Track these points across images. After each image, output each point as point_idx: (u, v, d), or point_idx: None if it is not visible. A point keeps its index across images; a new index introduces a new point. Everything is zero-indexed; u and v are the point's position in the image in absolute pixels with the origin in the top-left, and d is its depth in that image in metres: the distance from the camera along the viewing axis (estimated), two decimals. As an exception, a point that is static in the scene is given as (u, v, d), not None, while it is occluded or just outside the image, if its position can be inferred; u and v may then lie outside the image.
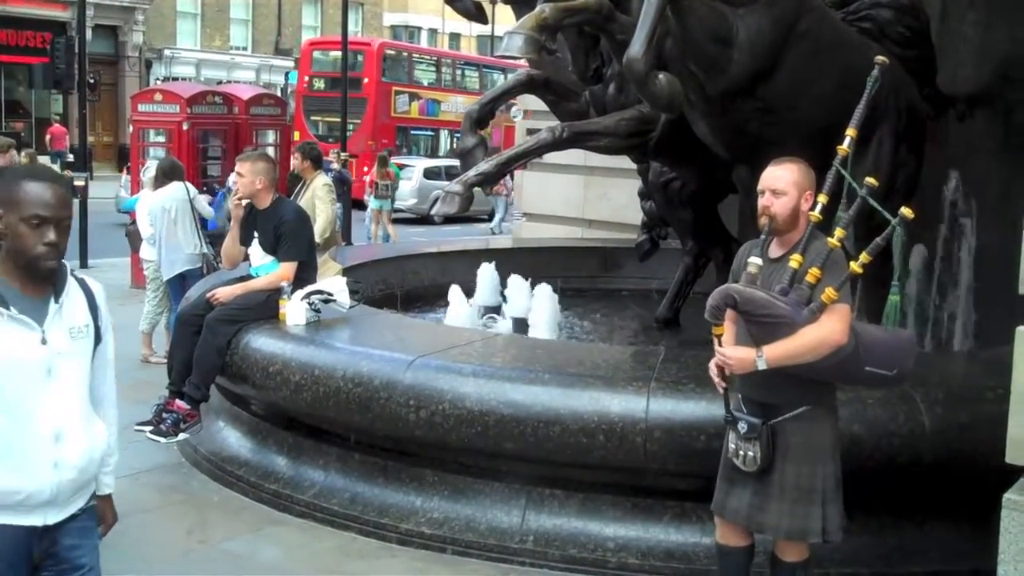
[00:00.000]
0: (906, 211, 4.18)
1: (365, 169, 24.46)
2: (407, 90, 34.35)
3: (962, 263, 8.05)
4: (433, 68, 36.87)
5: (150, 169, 10.73)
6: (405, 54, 36.19)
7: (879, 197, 4.48)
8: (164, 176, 9.90)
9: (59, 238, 3.07)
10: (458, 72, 38.03)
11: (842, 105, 6.33)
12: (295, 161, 10.79)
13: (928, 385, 5.39)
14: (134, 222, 11.31)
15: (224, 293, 6.95)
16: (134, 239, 11.27)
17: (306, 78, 33.57)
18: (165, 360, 9.44)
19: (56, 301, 3.13)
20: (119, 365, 3.53)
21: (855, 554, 5.19)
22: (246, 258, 7.31)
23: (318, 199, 9.58)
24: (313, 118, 32.39)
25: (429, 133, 36.05)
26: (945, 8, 8.38)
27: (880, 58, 4.85)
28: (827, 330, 4.05)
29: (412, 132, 34.60)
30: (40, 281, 3.10)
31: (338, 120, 29.24)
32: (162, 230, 9.59)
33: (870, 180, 4.40)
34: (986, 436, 4.11)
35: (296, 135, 28.80)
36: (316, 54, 34.11)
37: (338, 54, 31.70)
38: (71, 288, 3.21)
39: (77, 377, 3.19)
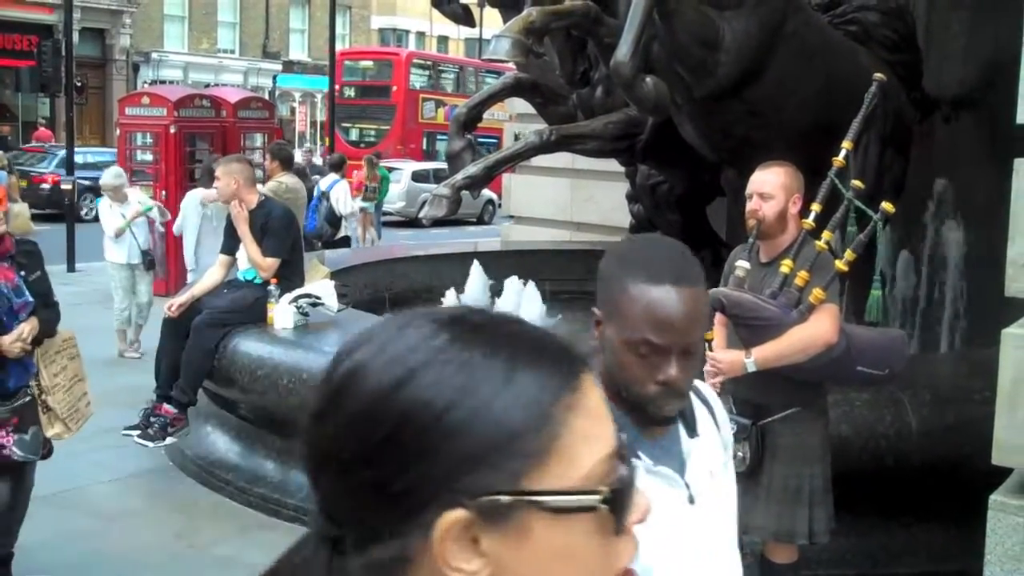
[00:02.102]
0: (887, 207, 4.20)
1: (354, 173, 24.56)
2: (433, 97, 34.94)
3: (949, 266, 8.08)
4: (456, 76, 37.24)
5: (108, 175, 10.82)
6: (430, 63, 37.06)
7: (866, 199, 4.50)
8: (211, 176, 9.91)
9: (681, 372, 1.94)
10: (480, 79, 38.31)
11: (829, 108, 6.38)
12: (266, 162, 10.84)
13: (915, 387, 5.41)
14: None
15: (178, 301, 7.05)
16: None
17: (338, 87, 34.19)
18: (140, 353, 9.62)
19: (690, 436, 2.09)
20: (103, 368, 3.54)
21: (843, 555, 5.21)
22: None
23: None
24: (344, 124, 33.29)
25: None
26: (931, 11, 8.41)
27: (878, 75, 4.88)
28: (816, 330, 4.07)
29: (438, 137, 34.93)
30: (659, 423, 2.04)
31: (369, 127, 32.17)
32: (199, 230, 9.68)
33: (856, 183, 4.42)
34: (973, 438, 4.13)
35: (327, 141, 30.82)
36: (347, 63, 35.27)
37: (368, 63, 35.24)
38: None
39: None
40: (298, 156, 21.05)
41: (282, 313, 6.72)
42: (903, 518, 5.44)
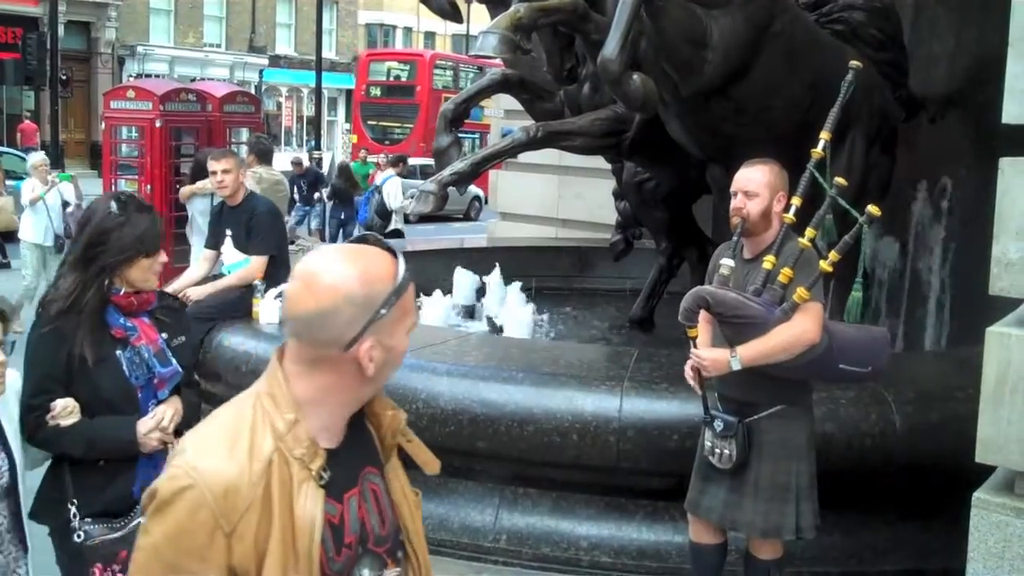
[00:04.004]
0: (873, 209, 4.22)
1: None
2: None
3: (934, 263, 8.11)
4: (476, 76, 37.56)
5: (34, 157, 11.84)
6: (453, 64, 37.89)
7: (851, 198, 4.52)
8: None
9: None
10: None
11: (815, 106, 6.39)
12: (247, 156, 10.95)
13: (899, 385, 5.43)
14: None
15: (196, 292, 6.92)
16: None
17: (363, 86, 36.49)
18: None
19: None
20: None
21: (826, 552, 5.22)
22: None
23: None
24: (370, 122, 35.09)
25: (475, 136, 36.67)
26: (917, 10, 8.44)
27: (854, 63, 4.89)
28: (800, 329, 4.08)
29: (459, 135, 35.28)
30: None
31: (392, 124, 33.83)
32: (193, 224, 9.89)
33: (839, 180, 4.43)
34: (956, 436, 4.15)
35: (354, 138, 33.67)
36: (373, 64, 37.47)
37: (392, 64, 37.19)
38: None
39: None
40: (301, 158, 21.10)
41: (268, 308, 6.71)
42: (887, 515, 5.46)
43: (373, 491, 2.09)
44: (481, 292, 9.23)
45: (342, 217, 18.87)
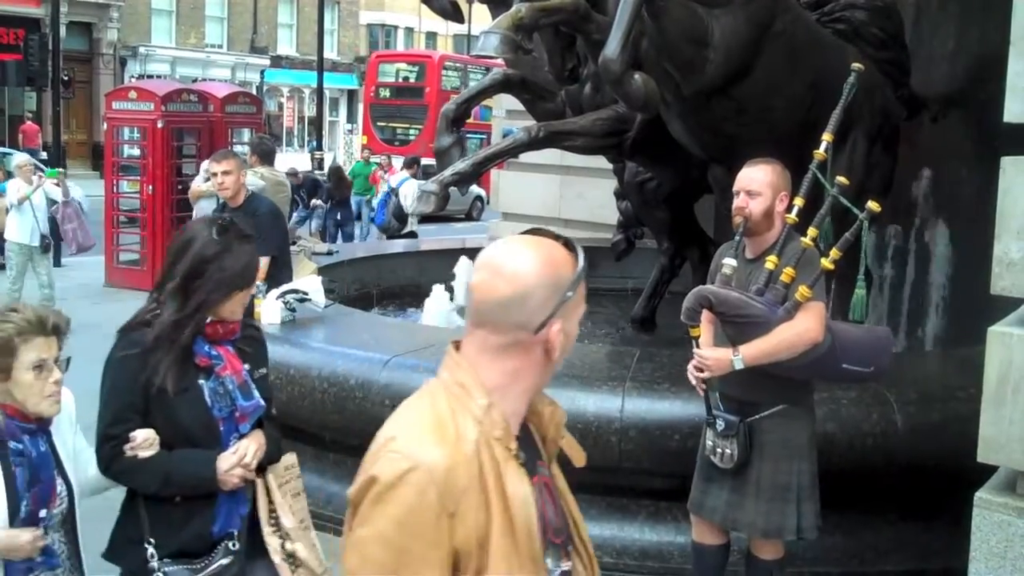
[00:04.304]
0: (873, 205, 4.22)
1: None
2: None
3: (935, 263, 8.11)
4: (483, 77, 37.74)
5: (19, 158, 11.86)
6: (460, 65, 38.00)
7: (852, 197, 4.51)
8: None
9: None
10: None
11: (816, 105, 6.39)
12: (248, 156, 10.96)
13: (901, 385, 5.42)
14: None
15: None
16: None
17: (373, 87, 36.67)
18: None
19: None
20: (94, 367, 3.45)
21: (828, 552, 5.22)
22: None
23: None
24: (379, 123, 35.33)
25: (482, 136, 36.84)
26: (919, 9, 8.43)
27: (856, 65, 4.89)
28: (802, 327, 4.08)
29: (468, 136, 35.38)
30: None
31: (402, 125, 34.20)
32: None
33: (841, 179, 4.43)
34: (958, 435, 4.14)
35: (364, 139, 33.58)
36: (382, 66, 37.54)
37: (402, 65, 37.40)
38: None
39: None
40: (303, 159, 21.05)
41: (269, 309, 6.71)
42: (889, 515, 5.45)
43: (545, 483, 2.11)
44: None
45: (338, 218, 18.89)
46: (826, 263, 4.17)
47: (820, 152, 4.49)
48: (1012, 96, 3.55)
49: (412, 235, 15.63)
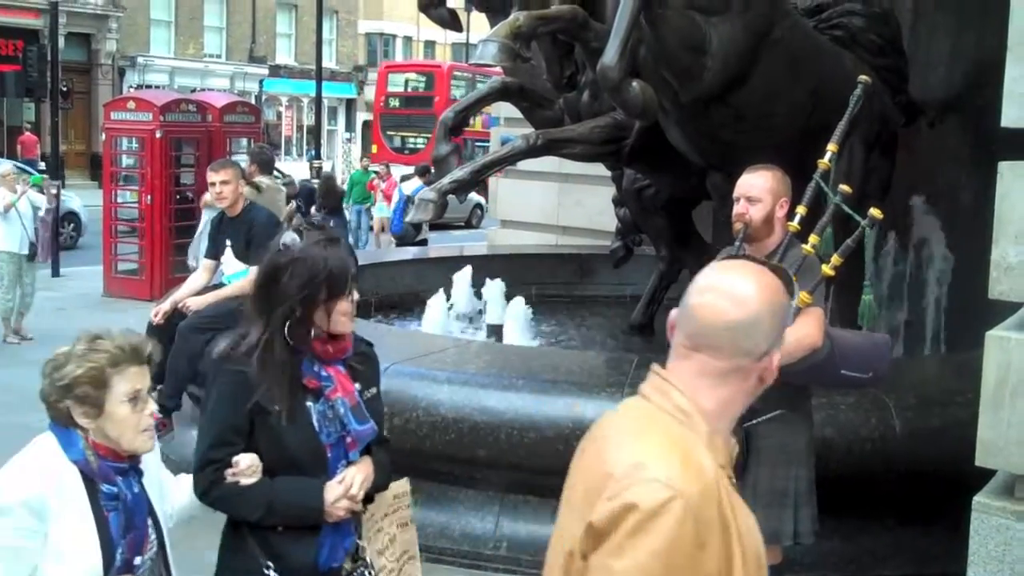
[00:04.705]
0: (875, 212, 4.22)
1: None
2: None
3: (933, 268, 8.11)
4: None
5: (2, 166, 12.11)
6: (469, 75, 38.14)
7: (851, 203, 4.52)
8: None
9: None
10: None
11: (815, 112, 6.40)
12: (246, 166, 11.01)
13: (899, 390, 5.42)
14: None
15: (196, 302, 6.92)
16: None
17: (383, 97, 37.21)
18: (25, 338, 9.95)
19: None
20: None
21: (826, 558, 5.21)
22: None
23: None
24: (389, 133, 35.97)
25: (486, 143, 37.00)
26: (916, 15, 8.45)
27: (863, 77, 4.91)
28: (801, 332, 4.08)
29: (477, 144, 35.62)
30: None
31: (411, 134, 34.79)
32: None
33: (844, 188, 4.44)
34: (957, 440, 4.14)
35: (374, 148, 34.31)
36: (391, 76, 38.36)
37: (411, 75, 38.09)
38: None
39: None
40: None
41: (268, 317, 6.70)
42: (887, 520, 5.45)
43: None
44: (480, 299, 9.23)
45: (331, 226, 18.88)
46: (827, 269, 4.17)
47: (824, 161, 4.50)
48: (1009, 101, 3.56)
49: (423, 243, 15.87)
